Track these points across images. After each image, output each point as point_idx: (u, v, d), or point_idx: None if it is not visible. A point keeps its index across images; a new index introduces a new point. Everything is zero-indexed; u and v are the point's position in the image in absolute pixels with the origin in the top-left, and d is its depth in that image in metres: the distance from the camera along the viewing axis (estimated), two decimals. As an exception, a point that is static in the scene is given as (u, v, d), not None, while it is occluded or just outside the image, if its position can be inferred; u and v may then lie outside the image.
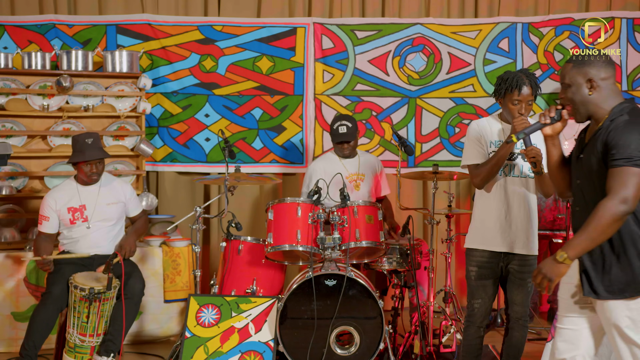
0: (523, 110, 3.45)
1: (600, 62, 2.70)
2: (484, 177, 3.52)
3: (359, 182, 4.88)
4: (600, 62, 2.70)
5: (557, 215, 4.77)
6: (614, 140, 2.57)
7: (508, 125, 3.54)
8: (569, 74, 2.72)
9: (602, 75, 2.70)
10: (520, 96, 3.44)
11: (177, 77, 5.67)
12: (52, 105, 5.24)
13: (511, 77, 3.46)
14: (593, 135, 2.71)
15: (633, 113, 2.64)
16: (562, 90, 2.76)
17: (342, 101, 5.83)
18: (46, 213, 4.41)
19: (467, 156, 3.61)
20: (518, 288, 3.58)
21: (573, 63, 2.73)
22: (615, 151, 2.55)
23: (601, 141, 2.63)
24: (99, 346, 4.19)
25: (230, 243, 4.54)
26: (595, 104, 2.71)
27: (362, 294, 4.12)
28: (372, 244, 4.23)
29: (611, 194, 2.53)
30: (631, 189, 2.52)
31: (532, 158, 3.31)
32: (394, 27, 5.86)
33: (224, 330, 4.15)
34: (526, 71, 3.50)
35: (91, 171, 4.40)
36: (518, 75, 3.45)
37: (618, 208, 2.52)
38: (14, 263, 4.73)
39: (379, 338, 4.09)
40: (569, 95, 2.73)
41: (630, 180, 2.52)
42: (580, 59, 2.73)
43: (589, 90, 2.70)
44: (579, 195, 2.78)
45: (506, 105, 3.49)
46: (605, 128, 2.65)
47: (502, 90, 3.49)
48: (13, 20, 5.45)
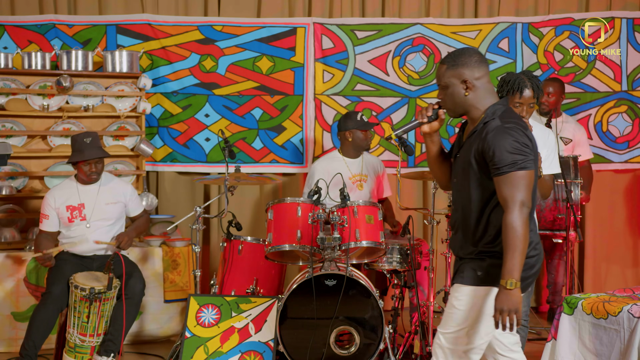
0: (524, 113, 3.44)
1: (473, 62, 2.73)
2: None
3: (362, 183, 4.88)
4: (473, 62, 2.73)
5: (557, 215, 4.76)
6: (490, 150, 2.62)
7: None
8: (445, 75, 2.75)
9: (476, 75, 2.73)
10: (522, 99, 3.42)
11: (177, 77, 5.67)
12: (52, 105, 5.24)
13: (513, 79, 3.44)
14: (469, 136, 2.77)
15: (505, 115, 2.69)
16: (439, 92, 2.80)
17: (342, 101, 5.83)
18: (46, 211, 4.42)
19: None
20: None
21: (447, 64, 2.75)
22: (497, 160, 2.60)
23: (477, 147, 2.68)
24: (99, 346, 4.20)
25: (230, 243, 4.54)
26: (471, 104, 2.75)
27: (362, 294, 4.12)
28: (372, 244, 4.23)
29: (509, 205, 2.58)
30: (523, 191, 2.59)
31: None
32: (394, 27, 5.86)
33: (224, 330, 4.16)
34: (529, 73, 3.48)
35: (90, 170, 4.40)
36: (520, 78, 3.43)
37: (522, 213, 2.58)
38: (14, 263, 4.73)
39: (379, 338, 4.09)
40: (445, 95, 2.78)
41: (520, 183, 2.59)
42: (453, 59, 2.75)
43: (464, 91, 2.73)
44: (454, 193, 2.87)
45: None
46: (479, 132, 2.70)
47: (503, 92, 3.47)
48: (13, 20, 5.45)
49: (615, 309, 3.52)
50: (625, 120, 5.93)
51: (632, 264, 6.03)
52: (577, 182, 4.75)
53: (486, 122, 2.70)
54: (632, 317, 3.42)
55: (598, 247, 6.00)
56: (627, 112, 5.92)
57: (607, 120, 5.93)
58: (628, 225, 6.03)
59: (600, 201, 5.95)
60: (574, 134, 5.29)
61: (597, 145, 5.90)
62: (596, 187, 5.89)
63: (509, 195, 2.59)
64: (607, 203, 5.99)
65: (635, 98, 5.93)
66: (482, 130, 2.69)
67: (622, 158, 5.94)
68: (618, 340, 3.48)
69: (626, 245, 6.03)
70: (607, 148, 5.93)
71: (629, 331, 3.42)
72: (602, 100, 5.92)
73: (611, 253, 6.01)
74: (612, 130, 5.93)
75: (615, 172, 5.99)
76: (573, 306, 3.73)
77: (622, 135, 5.93)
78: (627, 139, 5.94)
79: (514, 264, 2.55)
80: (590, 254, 5.99)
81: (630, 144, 5.94)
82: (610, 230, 6.01)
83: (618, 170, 5.99)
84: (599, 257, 6.00)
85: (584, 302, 3.69)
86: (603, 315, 3.57)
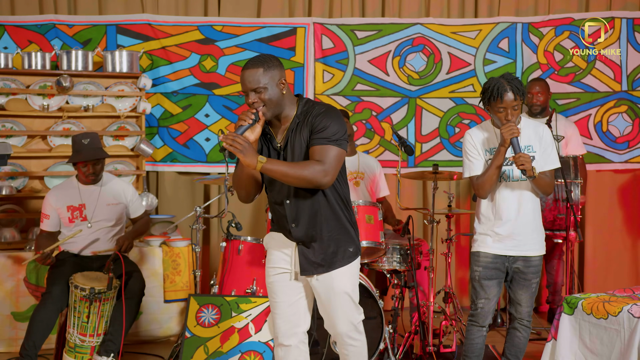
0: (510, 117, 3.44)
1: (279, 64, 2.95)
2: (486, 187, 3.52)
3: (358, 180, 4.88)
4: (279, 64, 2.95)
5: (557, 215, 4.76)
6: (319, 126, 2.90)
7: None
8: (262, 77, 2.89)
9: (284, 76, 2.96)
10: (503, 103, 3.42)
11: (177, 77, 5.67)
12: (52, 105, 5.24)
13: (492, 86, 3.43)
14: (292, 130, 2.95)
15: (320, 104, 3.01)
16: (253, 95, 2.91)
17: (342, 101, 5.83)
18: (47, 211, 4.42)
19: (466, 169, 3.61)
20: (522, 288, 3.60)
21: (262, 67, 2.90)
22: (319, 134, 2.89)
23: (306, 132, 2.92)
24: (99, 346, 4.19)
25: (230, 243, 4.53)
26: (285, 102, 2.96)
27: (362, 294, 4.10)
28: (372, 244, 4.23)
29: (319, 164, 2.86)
30: (331, 163, 2.86)
31: (520, 165, 3.34)
32: (394, 27, 5.86)
33: (224, 330, 4.15)
34: (508, 76, 3.46)
35: (88, 171, 4.40)
36: (499, 82, 3.42)
37: (320, 177, 2.85)
38: (14, 263, 4.73)
39: (379, 338, 4.09)
40: (266, 97, 2.90)
41: (329, 154, 2.86)
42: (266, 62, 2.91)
43: (281, 90, 2.93)
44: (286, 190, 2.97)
45: (493, 113, 3.48)
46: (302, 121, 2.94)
47: (486, 99, 3.48)
48: (13, 20, 5.45)
49: (615, 309, 3.52)
50: (625, 120, 5.93)
51: (632, 264, 6.03)
52: (577, 182, 4.75)
53: (307, 111, 2.96)
54: (632, 317, 3.42)
55: (598, 247, 5.99)
56: (627, 112, 5.92)
57: (607, 120, 5.92)
58: (628, 225, 6.03)
59: (600, 201, 5.95)
60: (566, 131, 5.29)
61: (597, 145, 5.90)
62: (596, 187, 5.90)
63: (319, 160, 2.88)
64: (607, 203, 5.99)
65: (635, 98, 5.92)
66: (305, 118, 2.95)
67: (622, 158, 5.94)
68: (618, 340, 3.48)
69: (626, 245, 6.03)
70: (607, 148, 5.93)
71: (629, 331, 3.42)
72: (602, 100, 5.92)
73: (611, 253, 6.01)
74: (612, 130, 5.93)
75: (615, 172, 5.99)
76: (573, 306, 3.73)
77: (622, 135, 5.93)
78: (627, 139, 5.93)
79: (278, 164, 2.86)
80: (590, 254, 5.99)
81: (630, 144, 5.94)
82: (610, 230, 6.00)
83: (618, 170, 5.99)
84: (599, 257, 6.00)
85: (584, 302, 3.69)
86: (603, 315, 3.57)
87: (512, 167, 3.53)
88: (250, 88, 2.90)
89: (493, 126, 3.59)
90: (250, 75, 2.90)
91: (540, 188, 3.49)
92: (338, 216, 3.02)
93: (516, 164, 3.37)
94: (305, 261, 3.01)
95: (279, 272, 3.08)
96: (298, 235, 3.00)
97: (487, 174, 3.49)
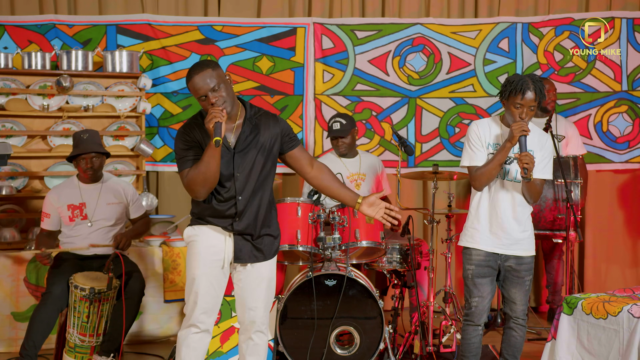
0: (524, 115, 3.45)
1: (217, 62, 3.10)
2: (483, 180, 3.53)
3: (360, 182, 4.88)
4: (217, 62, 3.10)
5: (557, 215, 4.77)
6: (285, 129, 3.19)
7: (507, 129, 3.54)
8: (216, 77, 3.02)
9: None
10: (523, 100, 3.44)
11: (177, 77, 5.67)
12: (52, 105, 5.24)
13: (517, 80, 3.46)
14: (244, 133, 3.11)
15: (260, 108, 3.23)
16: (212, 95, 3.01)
17: (342, 101, 5.83)
18: (47, 210, 4.43)
19: (467, 157, 3.62)
20: (516, 286, 3.61)
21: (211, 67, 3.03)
22: (292, 136, 3.22)
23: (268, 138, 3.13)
24: (99, 346, 4.20)
25: (230, 243, 4.53)
26: (236, 97, 3.14)
27: (362, 294, 4.12)
28: (372, 244, 4.23)
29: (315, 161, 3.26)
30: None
31: (524, 164, 3.34)
32: (394, 27, 5.86)
33: (224, 330, 4.15)
34: (534, 77, 3.49)
35: (86, 166, 4.40)
36: (524, 80, 3.45)
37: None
38: (14, 263, 4.74)
39: (379, 338, 4.10)
40: (224, 93, 3.03)
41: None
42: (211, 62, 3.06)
43: (231, 84, 3.10)
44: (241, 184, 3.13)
45: (508, 108, 3.50)
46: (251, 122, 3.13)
47: (506, 92, 3.49)
48: (13, 20, 5.45)
49: (615, 309, 3.52)
50: (626, 120, 5.93)
51: (632, 264, 6.03)
52: (577, 182, 4.75)
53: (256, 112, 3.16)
54: (632, 317, 3.42)
55: (598, 247, 5.99)
56: (627, 112, 5.92)
57: (607, 120, 5.92)
58: (628, 225, 6.03)
59: (600, 201, 5.95)
60: (566, 131, 5.31)
61: (597, 145, 5.90)
62: (596, 187, 5.90)
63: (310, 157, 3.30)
64: (607, 203, 5.99)
65: (636, 98, 5.92)
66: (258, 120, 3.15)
67: (622, 158, 5.94)
68: (616, 341, 3.49)
69: (626, 245, 6.03)
70: (607, 148, 5.93)
71: (628, 331, 3.42)
72: (602, 100, 5.92)
73: (611, 253, 6.01)
74: (612, 130, 5.93)
75: (615, 172, 5.99)
76: (573, 306, 3.73)
77: (622, 135, 5.93)
78: (628, 139, 5.94)
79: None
80: (590, 254, 5.98)
81: (630, 144, 5.94)
82: (610, 230, 6.01)
83: (618, 170, 5.99)
84: (599, 257, 6.00)
85: (584, 302, 3.69)
86: (603, 315, 3.57)
87: (510, 166, 3.54)
88: (208, 89, 3.01)
89: (501, 122, 3.60)
90: (203, 78, 3.01)
91: (530, 193, 3.52)
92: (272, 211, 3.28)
93: (520, 162, 3.37)
94: (241, 251, 3.22)
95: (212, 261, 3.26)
96: (239, 227, 3.18)
97: (488, 167, 3.50)
